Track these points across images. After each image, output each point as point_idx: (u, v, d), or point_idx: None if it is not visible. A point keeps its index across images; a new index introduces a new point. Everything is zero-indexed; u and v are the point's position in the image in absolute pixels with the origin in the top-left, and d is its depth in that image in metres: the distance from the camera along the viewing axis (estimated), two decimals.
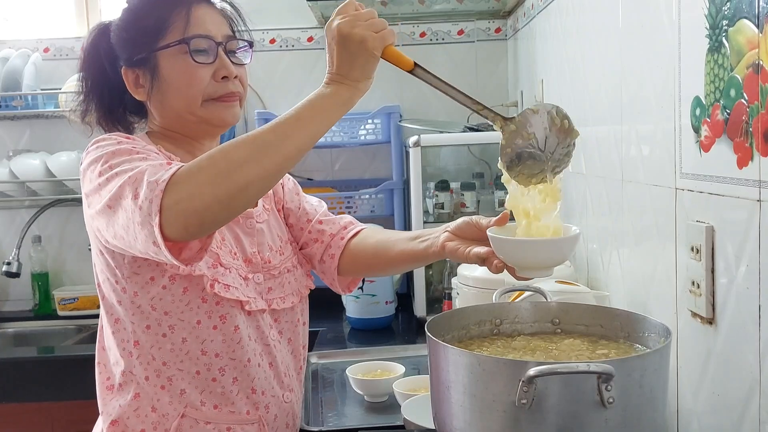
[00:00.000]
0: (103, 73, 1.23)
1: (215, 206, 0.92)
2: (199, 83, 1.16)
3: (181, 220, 0.91)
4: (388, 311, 2.28)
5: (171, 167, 0.95)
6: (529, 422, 0.89)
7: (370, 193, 2.56)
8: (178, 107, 1.18)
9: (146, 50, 1.17)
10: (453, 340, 1.16)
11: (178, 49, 1.16)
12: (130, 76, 1.20)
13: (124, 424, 1.15)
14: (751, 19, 0.94)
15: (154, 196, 0.91)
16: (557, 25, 1.99)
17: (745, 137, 0.96)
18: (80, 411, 2.04)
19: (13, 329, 2.70)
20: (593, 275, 1.73)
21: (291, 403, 1.26)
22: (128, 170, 0.99)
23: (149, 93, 1.19)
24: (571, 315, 1.20)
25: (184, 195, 0.91)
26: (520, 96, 2.55)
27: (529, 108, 1.06)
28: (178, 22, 1.16)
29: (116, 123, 1.27)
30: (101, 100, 1.25)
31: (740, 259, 1.00)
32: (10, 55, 2.62)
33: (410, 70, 1.08)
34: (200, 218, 0.92)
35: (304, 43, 2.70)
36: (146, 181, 0.94)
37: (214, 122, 1.20)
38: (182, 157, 1.20)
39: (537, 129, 1.04)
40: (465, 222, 1.20)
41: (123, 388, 1.16)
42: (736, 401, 1.03)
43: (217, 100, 1.18)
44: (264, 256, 1.25)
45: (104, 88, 1.24)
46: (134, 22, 1.19)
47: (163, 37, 1.16)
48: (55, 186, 2.65)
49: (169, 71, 1.16)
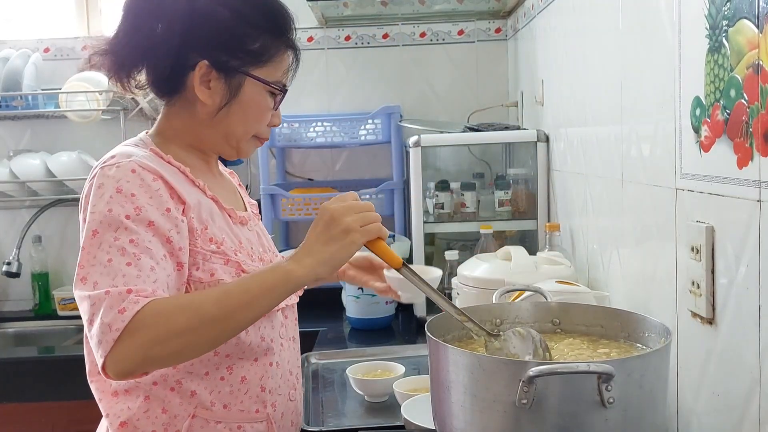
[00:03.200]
0: (167, 36, 1.13)
1: (148, 364, 1.01)
2: (263, 123, 1.21)
3: (120, 371, 0.99)
4: (388, 311, 2.28)
5: (123, 314, 0.97)
6: (529, 422, 0.89)
7: (370, 193, 2.56)
8: (235, 131, 1.19)
9: (240, 66, 1.15)
10: (453, 340, 1.16)
11: (267, 87, 1.18)
12: (203, 71, 1.14)
13: (134, 425, 1.14)
14: (751, 19, 0.94)
15: (105, 341, 0.97)
16: (557, 25, 1.99)
17: (745, 137, 0.97)
18: (80, 411, 2.03)
19: (13, 329, 2.70)
20: (593, 275, 1.73)
21: (296, 401, 1.27)
22: (98, 276, 1.01)
23: (218, 103, 1.16)
24: (571, 315, 1.20)
25: (125, 355, 0.97)
26: (520, 96, 2.55)
27: (517, 330, 1.08)
28: (278, 63, 1.18)
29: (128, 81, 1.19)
30: (154, 61, 1.15)
31: (740, 259, 1.00)
32: (10, 55, 2.62)
33: (398, 269, 1.11)
34: (133, 371, 1.00)
35: (304, 43, 2.70)
36: (100, 319, 0.98)
37: (241, 154, 1.24)
38: (194, 164, 1.20)
39: (520, 352, 1.07)
40: (364, 257, 1.34)
41: (130, 393, 1.15)
42: (736, 401, 1.03)
43: (258, 138, 1.23)
44: (269, 255, 1.27)
45: (162, 51, 1.13)
46: (237, 31, 1.14)
47: (260, 68, 1.16)
48: (55, 186, 2.65)
49: (250, 100, 1.17)
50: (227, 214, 1.21)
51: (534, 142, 2.19)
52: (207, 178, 1.22)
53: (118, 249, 1.03)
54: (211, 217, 1.16)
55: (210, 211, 1.16)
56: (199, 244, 1.12)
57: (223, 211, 1.20)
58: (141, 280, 1.01)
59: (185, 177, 1.16)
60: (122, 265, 1.01)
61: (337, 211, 1.07)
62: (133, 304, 0.98)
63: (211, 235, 1.14)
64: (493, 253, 1.80)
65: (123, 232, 1.04)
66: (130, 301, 0.98)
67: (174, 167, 1.16)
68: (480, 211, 2.27)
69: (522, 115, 2.54)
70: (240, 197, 1.33)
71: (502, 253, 1.74)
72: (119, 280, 1.00)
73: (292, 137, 2.57)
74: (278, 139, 2.57)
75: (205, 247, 1.12)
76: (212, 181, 1.23)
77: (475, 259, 1.80)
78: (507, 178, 2.32)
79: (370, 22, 2.75)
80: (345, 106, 2.78)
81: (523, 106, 2.52)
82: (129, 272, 1.01)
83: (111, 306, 0.98)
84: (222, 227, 1.17)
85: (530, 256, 1.71)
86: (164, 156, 1.16)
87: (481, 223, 2.14)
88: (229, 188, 1.30)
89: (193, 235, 1.11)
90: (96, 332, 0.98)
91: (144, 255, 1.03)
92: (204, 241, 1.13)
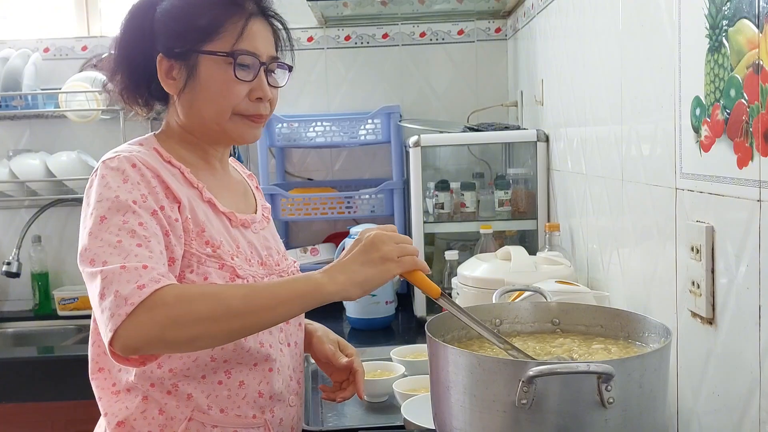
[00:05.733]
0: (139, 44, 1.18)
1: (159, 345, 0.99)
2: (234, 98, 1.16)
3: (128, 345, 0.97)
4: (388, 311, 2.28)
5: (142, 290, 0.97)
6: (529, 422, 0.89)
7: (370, 193, 2.55)
8: (205, 113, 1.17)
9: (190, 47, 1.15)
10: (453, 340, 1.16)
11: (223, 58, 1.15)
12: (164, 65, 1.17)
13: (131, 425, 1.14)
14: (751, 19, 0.94)
15: (117, 314, 0.96)
16: (557, 25, 1.99)
17: (745, 137, 0.96)
18: (80, 411, 2.04)
19: (13, 329, 2.70)
20: (593, 275, 1.73)
21: (295, 407, 1.26)
22: (108, 256, 1.00)
23: (180, 89, 1.17)
24: (571, 315, 1.20)
25: (138, 330, 0.96)
26: (520, 96, 2.55)
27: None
28: (231, 31, 1.15)
29: (137, 99, 1.23)
30: (130, 71, 1.20)
31: (740, 259, 1.00)
32: (10, 55, 2.62)
33: (436, 298, 1.10)
34: (142, 348, 0.99)
35: (304, 43, 2.70)
36: (114, 291, 0.97)
37: (234, 137, 1.21)
38: (195, 163, 1.20)
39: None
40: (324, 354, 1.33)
41: (130, 392, 1.15)
42: (736, 401, 1.03)
43: (245, 117, 1.18)
44: (274, 259, 1.26)
45: (137, 60, 1.19)
46: (186, 15, 1.16)
47: (211, 41, 1.14)
48: (55, 186, 2.65)
49: (208, 77, 1.15)
50: (225, 217, 1.20)
51: (534, 141, 2.19)
52: (207, 177, 1.22)
53: (127, 231, 1.03)
54: (207, 219, 1.16)
55: (206, 214, 1.16)
56: (194, 246, 1.12)
57: (219, 215, 1.19)
58: (154, 261, 1.01)
59: (183, 177, 1.17)
60: (133, 246, 1.02)
61: (378, 237, 1.06)
62: (153, 282, 0.98)
63: (207, 237, 1.14)
64: (493, 253, 1.80)
65: (131, 215, 1.04)
66: (151, 278, 0.98)
67: (175, 167, 1.17)
68: (480, 211, 2.27)
69: (522, 114, 2.54)
70: (253, 199, 1.33)
71: (501, 253, 1.74)
72: (132, 259, 1.00)
73: (292, 137, 2.57)
74: (278, 138, 2.56)
75: (200, 249, 1.12)
76: (212, 181, 1.23)
77: (475, 259, 1.80)
78: (507, 177, 2.32)
79: (369, 22, 2.75)
80: (344, 105, 2.77)
81: (523, 105, 2.52)
82: (141, 252, 1.01)
83: (128, 280, 0.97)
84: (219, 230, 1.17)
85: (530, 256, 1.71)
86: (164, 155, 1.17)
87: (481, 223, 2.14)
88: (236, 189, 1.30)
89: (187, 236, 1.12)
90: (109, 305, 0.97)
91: (153, 239, 1.04)
92: (200, 243, 1.12)
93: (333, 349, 1.33)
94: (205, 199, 1.18)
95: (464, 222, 2.25)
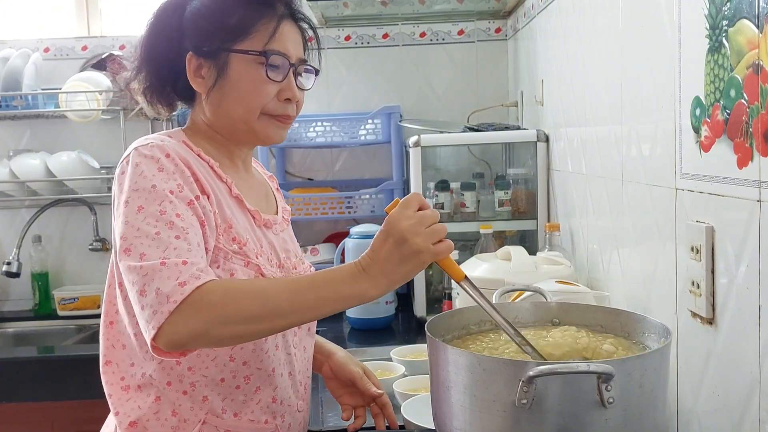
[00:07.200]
0: (167, 43, 1.18)
1: (204, 341, 1.00)
2: (264, 97, 1.16)
3: (173, 341, 0.98)
4: (388, 311, 2.28)
5: (183, 287, 0.97)
6: (529, 422, 0.89)
7: (370, 193, 2.56)
8: (234, 112, 1.17)
9: (221, 46, 1.15)
10: (453, 339, 1.16)
11: (254, 58, 1.14)
12: (193, 63, 1.16)
13: (144, 426, 1.12)
14: (751, 19, 0.94)
15: (160, 311, 0.96)
16: (557, 25, 1.99)
17: (745, 137, 0.96)
18: (80, 411, 2.04)
19: (13, 329, 2.70)
20: (593, 275, 1.73)
21: (303, 412, 1.26)
22: (146, 248, 1.00)
23: (209, 88, 1.16)
24: (571, 315, 1.20)
25: (183, 327, 0.97)
26: (520, 96, 2.55)
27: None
28: (263, 32, 1.15)
29: (160, 99, 1.23)
30: (157, 69, 1.20)
31: (740, 259, 1.00)
32: (10, 55, 2.62)
33: (459, 282, 1.09)
34: (186, 344, 0.99)
35: None
36: (155, 289, 0.97)
37: (262, 137, 1.20)
38: (221, 161, 1.20)
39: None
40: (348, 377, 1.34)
41: (142, 390, 1.13)
42: (736, 401, 1.03)
43: (273, 117, 1.18)
44: (291, 262, 1.25)
45: (164, 58, 1.18)
46: (218, 14, 1.15)
47: (243, 41, 1.14)
48: (55, 186, 2.65)
49: (239, 76, 1.15)
50: (251, 215, 1.20)
51: (534, 142, 2.19)
52: (232, 174, 1.21)
53: (165, 222, 1.02)
54: (234, 215, 1.15)
55: (233, 210, 1.16)
56: (221, 242, 1.11)
57: (245, 212, 1.19)
58: (192, 254, 1.01)
59: (212, 171, 1.16)
60: (171, 238, 1.01)
61: (408, 231, 1.03)
62: (194, 279, 0.98)
63: (234, 234, 1.13)
64: (493, 253, 1.80)
65: (168, 205, 1.04)
66: (191, 275, 0.98)
67: (204, 161, 1.16)
68: (480, 211, 2.27)
69: (522, 115, 2.54)
70: (274, 201, 1.32)
71: (501, 253, 1.74)
72: (171, 253, 1.00)
73: (292, 137, 2.57)
74: None
75: (227, 245, 1.11)
76: (238, 179, 1.22)
77: (475, 259, 1.80)
78: (507, 178, 2.32)
79: (370, 22, 2.75)
80: (345, 105, 2.78)
81: (523, 105, 2.52)
82: (180, 245, 1.01)
83: (168, 277, 0.97)
84: (245, 227, 1.17)
85: (530, 256, 1.71)
86: (194, 149, 1.17)
87: (481, 223, 2.14)
88: (258, 189, 1.29)
89: (216, 231, 1.11)
90: (150, 301, 0.97)
91: (190, 230, 1.04)
92: (227, 239, 1.12)
93: (360, 373, 1.34)
94: (234, 194, 1.18)
95: (464, 222, 2.25)
